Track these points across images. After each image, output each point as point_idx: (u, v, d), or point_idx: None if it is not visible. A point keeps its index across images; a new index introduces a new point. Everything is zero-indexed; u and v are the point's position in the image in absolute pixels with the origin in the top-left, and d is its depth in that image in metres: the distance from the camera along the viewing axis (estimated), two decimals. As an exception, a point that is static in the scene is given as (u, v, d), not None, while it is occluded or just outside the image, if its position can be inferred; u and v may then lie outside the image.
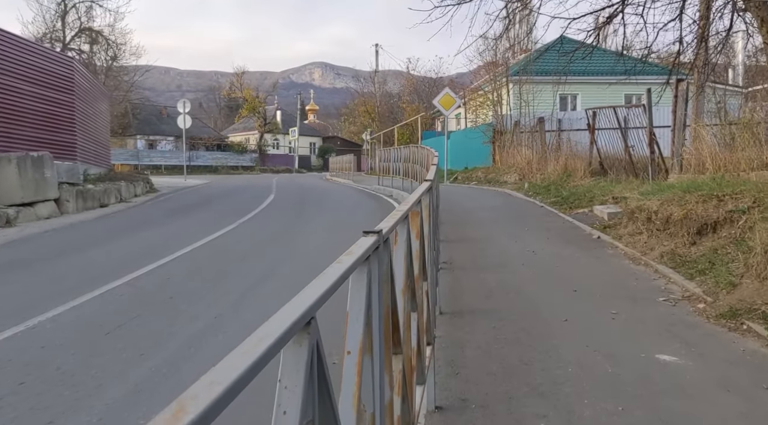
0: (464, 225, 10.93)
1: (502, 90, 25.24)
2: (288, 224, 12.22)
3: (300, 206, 16.25)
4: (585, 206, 12.15)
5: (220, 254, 8.71)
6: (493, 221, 11.30)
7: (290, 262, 8.14)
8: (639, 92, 30.59)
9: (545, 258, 7.84)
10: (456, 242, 9.19)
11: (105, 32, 49.57)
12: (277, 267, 7.76)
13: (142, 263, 7.82)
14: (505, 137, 22.75)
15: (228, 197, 20.83)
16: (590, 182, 14.54)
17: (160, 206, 16.87)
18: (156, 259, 8.12)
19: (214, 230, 10.83)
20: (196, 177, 42.91)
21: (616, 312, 5.35)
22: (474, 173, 23.40)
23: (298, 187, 26.47)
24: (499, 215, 12.26)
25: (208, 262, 8.15)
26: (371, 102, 49.76)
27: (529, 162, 18.86)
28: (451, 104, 24.02)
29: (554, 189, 15.17)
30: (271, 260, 8.28)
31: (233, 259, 8.38)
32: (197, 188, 26.20)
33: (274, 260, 8.28)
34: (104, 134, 23.31)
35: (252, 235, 10.63)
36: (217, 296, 6.31)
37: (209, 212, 15.25)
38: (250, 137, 70.27)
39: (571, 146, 17.17)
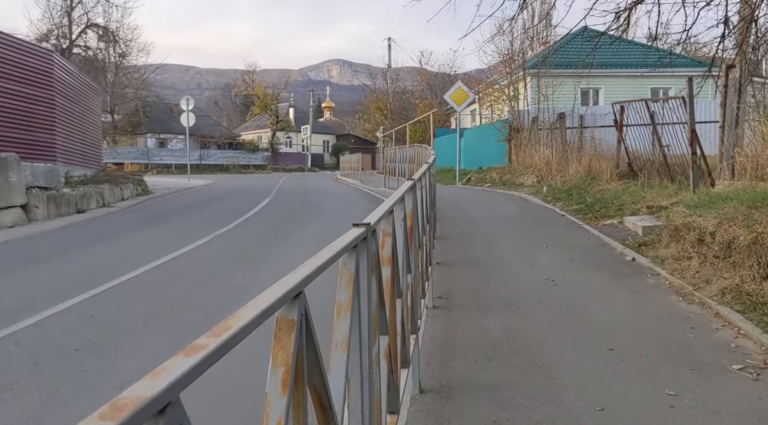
0: (470, 241, 9.27)
1: (519, 84, 23.45)
2: (268, 236, 10.66)
3: (292, 212, 14.69)
4: (613, 216, 10.42)
5: (173, 280, 7.16)
6: (506, 236, 9.63)
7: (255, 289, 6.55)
8: (667, 86, 28.68)
9: (568, 291, 6.17)
10: (457, 266, 7.55)
11: (112, 28, 48.64)
12: (239, 295, 6.19)
13: (71, 293, 6.30)
14: (522, 134, 21.00)
15: (223, 200, 19.36)
16: (618, 187, 12.78)
17: (141, 212, 15.41)
18: (91, 286, 6.60)
19: (183, 245, 9.31)
20: (203, 177, 41.68)
21: (675, 394, 3.68)
22: (488, 174, 21.67)
23: (302, 189, 24.94)
24: (512, 226, 10.58)
25: (152, 292, 6.60)
26: (383, 99, 48.04)
27: (549, 162, 17.10)
28: (464, 100, 22.29)
29: (577, 194, 13.43)
30: (230, 288, 6.70)
31: (186, 286, 6.82)
32: (196, 190, 24.81)
33: (235, 288, 6.71)
34: (94, 133, 21.96)
35: (223, 251, 9.07)
36: (140, 345, 4.76)
37: (191, 219, 13.75)
38: (262, 135, 69.06)
39: (595, 145, 15.39)
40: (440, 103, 37.50)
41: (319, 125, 79.53)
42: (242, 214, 13.87)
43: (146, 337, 5.03)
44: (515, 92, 23.06)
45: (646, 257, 7.44)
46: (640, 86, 27.41)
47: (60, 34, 46.43)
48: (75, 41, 46.85)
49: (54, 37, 45.91)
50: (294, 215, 13.91)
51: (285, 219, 13.09)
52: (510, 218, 11.49)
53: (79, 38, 47.18)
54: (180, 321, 5.46)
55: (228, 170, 56.22)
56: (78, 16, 46.64)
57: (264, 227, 11.66)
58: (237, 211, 14.62)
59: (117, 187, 18.79)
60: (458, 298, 6.04)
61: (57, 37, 46.12)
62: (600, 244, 8.63)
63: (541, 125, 19.52)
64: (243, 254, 8.78)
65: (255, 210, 14.89)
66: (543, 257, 7.92)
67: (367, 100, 53.89)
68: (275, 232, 11.03)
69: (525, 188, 16.98)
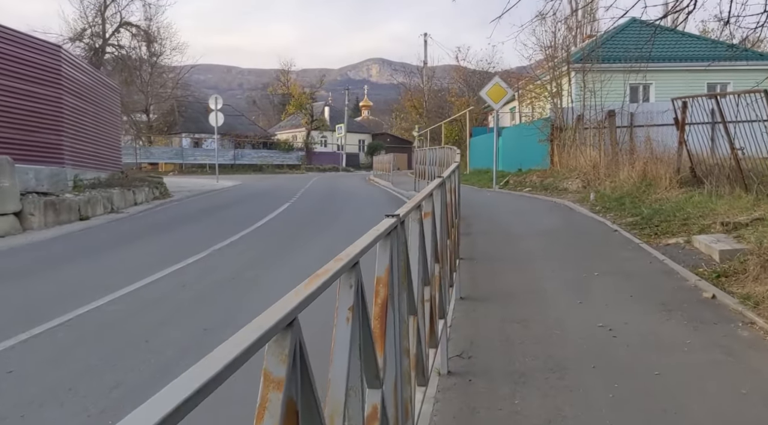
0: (504, 265, 7.68)
1: (563, 79, 21.59)
2: (269, 254, 9.25)
3: (306, 221, 13.28)
4: (678, 233, 8.68)
5: (130, 319, 5.78)
6: (547, 257, 8.00)
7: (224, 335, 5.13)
8: (725, 81, 26.37)
9: (633, 349, 4.56)
10: (486, 302, 5.99)
11: (145, 26, 48.26)
12: (200, 344, 4.78)
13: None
14: (566, 134, 19.17)
15: (241, 204, 18.13)
16: (680, 196, 10.99)
17: (147, 219, 14.22)
18: (28, 325, 5.29)
19: (169, 264, 8.00)
20: (234, 177, 40.94)
21: None
22: (528, 177, 19.90)
23: (327, 192, 23.58)
24: (555, 245, 8.93)
25: (98, 336, 5.24)
26: (419, 96, 46.36)
27: (596, 165, 15.31)
28: (502, 96, 20.57)
29: (630, 203, 11.66)
30: (193, 333, 5.29)
31: (139, 330, 5.44)
32: (219, 192, 23.72)
33: (198, 333, 5.30)
34: (111, 134, 21.00)
35: (208, 273, 7.70)
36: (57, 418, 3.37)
37: (196, 228, 12.48)
38: (297, 134, 68.29)
39: (651, 147, 13.54)
40: (477, 101, 35.70)
41: (355, 124, 78.35)
42: (253, 222, 12.53)
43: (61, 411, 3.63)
44: (558, 88, 21.21)
45: (730, 295, 5.75)
46: (695, 81, 25.22)
47: (93, 33, 46.28)
48: (109, 40, 46.65)
49: (88, 37, 45.81)
50: (307, 225, 12.48)
51: (295, 231, 11.67)
52: (552, 234, 9.82)
53: (112, 37, 47.01)
54: (108, 384, 4.05)
55: (262, 169, 55.54)
56: (111, 14, 46.43)
57: (266, 243, 10.26)
58: (249, 218, 13.31)
59: (129, 191, 17.73)
60: (483, 357, 4.49)
61: (91, 36, 45.98)
62: (665, 271, 6.94)
63: (587, 123, 17.69)
64: (230, 278, 7.38)
65: (268, 218, 13.54)
66: (595, 290, 6.28)
67: (403, 98, 52.28)
68: (278, 248, 9.62)
69: (569, 194, 15.22)
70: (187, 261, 8.36)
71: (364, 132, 77.94)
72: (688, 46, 27.37)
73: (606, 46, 23.77)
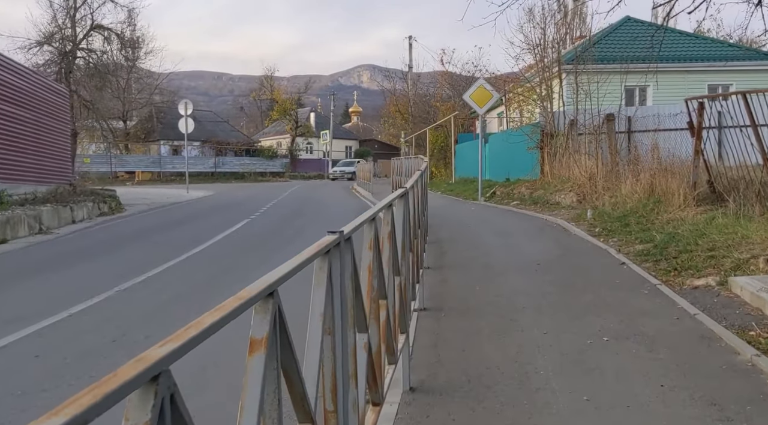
0: (479, 319, 5.69)
1: (553, 81, 19.71)
2: (184, 297, 7.24)
3: (258, 244, 11.27)
4: (706, 271, 6.75)
5: None
6: (537, 308, 6.02)
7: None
8: (727, 82, 24.63)
9: None
10: (450, 398, 4.01)
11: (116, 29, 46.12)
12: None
13: None
14: (557, 140, 17.28)
15: (194, 221, 16.10)
16: (698, 216, 9.08)
17: (73, 244, 12.14)
18: None
19: (44, 316, 6.01)
20: (210, 187, 38.98)
21: None
22: (516, 188, 17.98)
23: (302, 203, 21.57)
24: (548, 285, 6.95)
25: None
26: (403, 101, 44.39)
27: (592, 177, 13.41)
28: (487, 100, 18.66)
29: (636, 225, 9.74)
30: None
31: None
32: (181, 206, 21.67)
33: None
34: (56, 143, 18.89)
35: (87, 332, 5.68)
36: None
37: (120, 255, 10.41)
38: (281, 141, 66.33)
39: (658, 156, 11.63)
40: (463, 106, 33.85)
41: (342, 130, 76.47)
42: (194, 247, 10.53)
43: None
44: (548, 91, 19.32)
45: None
46: (695, 83, 23.45)
47: (63, 36, 44.12)
48: (79, 44, 44.50)
49: (57, 41, 43.63)
50: (254, 250, 10.45)
51: (235, 260, 9.63)
52: (544, 267, 7.85)
53: (83, 41, 44.85)
54: None
55: (244, 177, 53.58)
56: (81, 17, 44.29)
57: (192, 278, 8.23)
58: (193, 240, 11.33)
59: (66, 207, 15.65)
60: None
61: (61, 40, 43.82)
62: (702, 336, 4.99)
63: (581, 128, 15.80)
64: (110, 341, 5.37)
65: (215, 239, 11.53)
66: (608, 374, 4.31)
67: (388, 103, 50.36)
68: (203, 287, 7.60)
69: (562, 210, 13.29)
70: (70, 310, 6.35)
71: (351, 138, 76.11)
72: (686, 46, 25.63)
73: (599, 46, 21.98)
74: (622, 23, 25.86)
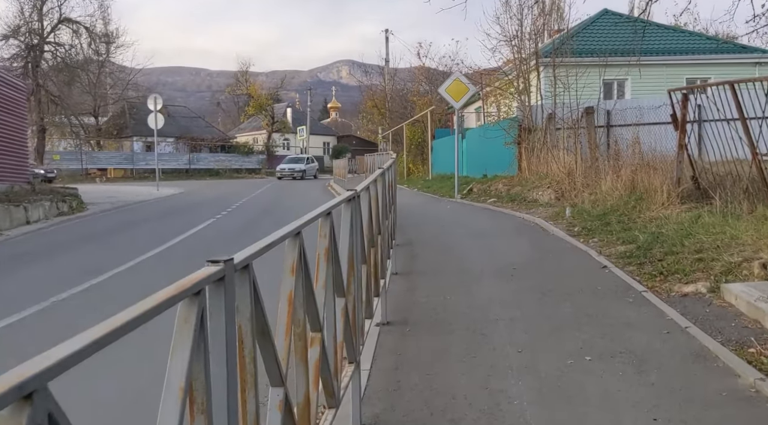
0: (449, 334, 5.06)
1: (531, 74, 19.18)
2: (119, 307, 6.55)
3: (216, 248, 10.56)
4: (695, 275, 6.21)
5: None
6: (513, 320, 5.41)
7: None
8: (706, 75, 24.35)
9: None
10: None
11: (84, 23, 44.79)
12: None
13: None
14: (535, 135, 16.75)
15: (154, 221, 15.30)
16: (682, 214, 8.57)
17: (14, 248, 11.30)
18: None
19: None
20: (183, 184, 37.99)
21: None
22: (493, 185, 17.44)
23: (272, 202, 20.84)
24: (525, 292, 6.35)
25: None
26: (380, 96, 43.69)
27: (571, 173, 12.89)
28: (463, 94, 18.10)
29: (617, 224, 9.22)
30: None
31: None
32: (147, 205, 20.81)
33: None
34: (11, 140, 17.91)
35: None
36: None
37: (59, 265, 9.64)
38: (258, 137, 65.34)
39: (640, 151, 11.13)
40: (441, 101, 33.29)
41: (319, 126, 75.60)
42: (144, 252, 9.78)
43: None
44: (526, 84, 18.79)
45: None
46: (673, 76, 23.15)
47: (30, 29, 42.67)
48: (47, 38, 43.08)
49: (23, 34, 42.18)
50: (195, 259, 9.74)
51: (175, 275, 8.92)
52: (522, 272, 7.26)
53: (51, 35, 43.44)
54: None
55: (219, 174, 52.52)
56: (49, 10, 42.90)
57: (125, 294, 7.51)
58: (146, 245, 10.56)
59: (19, 207, 14.76)
60: None
61: (27, 34, 42.38)
62: (697, 356, 4.41)
63: (559, 123, 15.28)
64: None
65: (168, 244, 10.77)
66: (590, 404, 3.72)
67: (365, 98, 49.64)
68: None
69: (540, 208, 12.75)
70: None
71: (329, 134, 75.29)
72: (664, 39, 25.28)
73: (577, 39, 21.52)
74: (599, 16, 25.46)
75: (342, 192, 15.09)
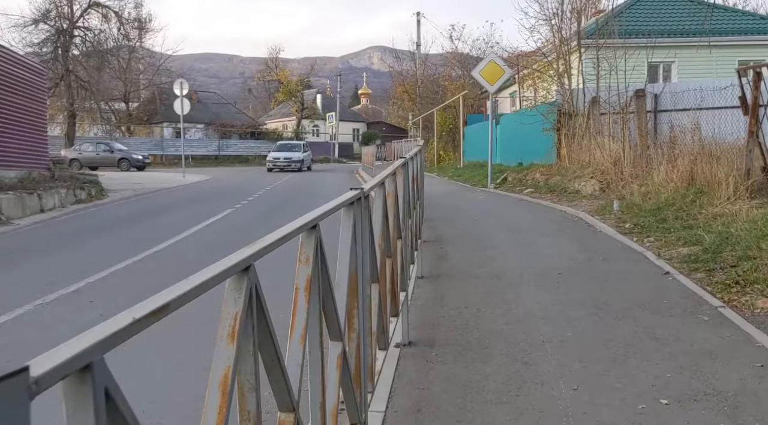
0: (484, 362, 4.11)
1: (572, 56, 17.94)
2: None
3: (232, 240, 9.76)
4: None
5: None
6: (561, 342, 4.44)
7: None
8: (759, 57, 22.71)
9: None
10: None
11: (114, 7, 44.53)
12: None
13: None
14: (576, 121, 15.59)
15: (176, 209, 14.65)
16: (754, 211, 7.45)
17: (18, 240, 10.67)
18: None
19: None
20: (211, 171, 37.67)
21: None
22: (530, 174, 16.34)
23: (296, 190, 20.06)
24: (573, 305, 5.35)
25: None
26: (410, 81, 42.47)
27: (618, 162, 11.75)
28: (498, 77, 16.98)
29: (675, 220, 8.12)
30: None
31: None
32: (170, 192, 20.25)
33: None
34: (28, 125, 17.40)
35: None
36: None
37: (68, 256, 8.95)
38: (287, 123, 64.78)
39: (700, 138, 9.94)
40: (473, 85, 32.06)
41: (349, 112, 74.72)
42: (157, 243, 9.04)
43: None
44: (566, 66, 17.56)
45: None
46: (724, 59, 21.62)
47: (60, 14, 42.53)
48: (76, 22, 42.92)
49: (53, 18, 42.07)
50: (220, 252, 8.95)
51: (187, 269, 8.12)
52: (567, 278, 6.25)
53: (81, 19, 43.26)
54: None
55: (248, 161, 52.10)
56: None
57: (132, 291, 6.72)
58: (160, 235, 9.82)
59: (33, 195, 14.20)
60: None
61: (57, 18, 42.26)
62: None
63: (604, 108, 14.08)
64: None
65: (184, 235, 10.02)
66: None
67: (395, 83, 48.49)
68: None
69: (583, 200, 11.66)
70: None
71: (359, 121, 74.41)
72: (714, 19, 23.64)
73: (621, 18, 20.16)
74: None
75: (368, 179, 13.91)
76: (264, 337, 1.43)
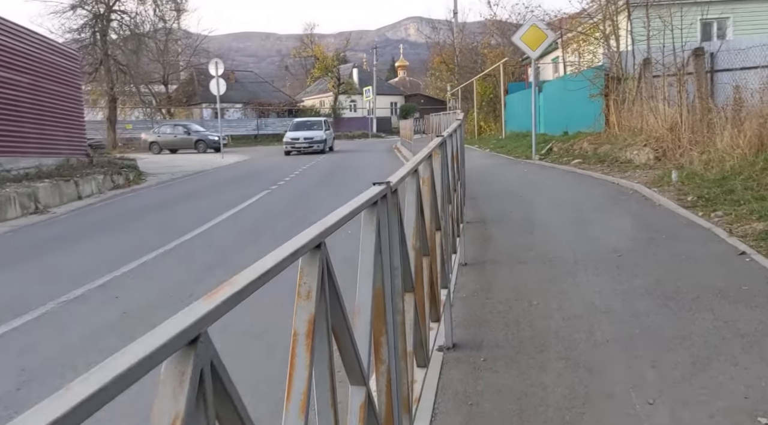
0: (540, 368, 3.57)
1: (619, 16, 16.84)
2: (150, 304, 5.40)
3: (267, 226, 9.37)
4: None
5: None
6: (628, 342, 3.86)
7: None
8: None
9: None
10: None
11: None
12: None
13: None
14: (626, 85, 14.62)
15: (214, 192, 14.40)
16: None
17: (53, 229, 10.51)
18: None
19: None
20: (249, 151, 37.67)
21: None
22: (577, 143, 15.48)
23: (334, 168, 19.62)
24: (637, 292, 4.72)
25: None
26: (448, 51, 41.35)
27: (675, 128, 10.87)
28: (540, 41, 16.05)
29: (745, 191, 7.35)
30: None
31: None
32: (207, 174, 20.13)
33: None
34: (65, 111, 17.36)
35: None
36: None
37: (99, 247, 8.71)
38: (324, 99, 64.29)
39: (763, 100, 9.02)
40: (514, 53, 30.82)
41: (386, 86, 73.70)
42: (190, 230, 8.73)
43: None
44: (614, 27, 16.49)
45: None
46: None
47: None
48: (113, 6, 43.10)
49: (90, 3, 42.31)
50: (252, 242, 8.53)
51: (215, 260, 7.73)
52: (627, 261, 5.61)
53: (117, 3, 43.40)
54: None
55: (286, 139, 51.95)
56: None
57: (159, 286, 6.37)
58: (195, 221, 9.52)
59: (70, 182, 14.11)
60: None
61: (94, 2, 42.48)
62: None
63: (657, 70, 13.09)
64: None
65: (218, 220, 9.69)
66: None
67: (432, 53, 47.35)
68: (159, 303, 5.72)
69: (637, 171, 10.85)
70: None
71: (396, 94, 73.37)
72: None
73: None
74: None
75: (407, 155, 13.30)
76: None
